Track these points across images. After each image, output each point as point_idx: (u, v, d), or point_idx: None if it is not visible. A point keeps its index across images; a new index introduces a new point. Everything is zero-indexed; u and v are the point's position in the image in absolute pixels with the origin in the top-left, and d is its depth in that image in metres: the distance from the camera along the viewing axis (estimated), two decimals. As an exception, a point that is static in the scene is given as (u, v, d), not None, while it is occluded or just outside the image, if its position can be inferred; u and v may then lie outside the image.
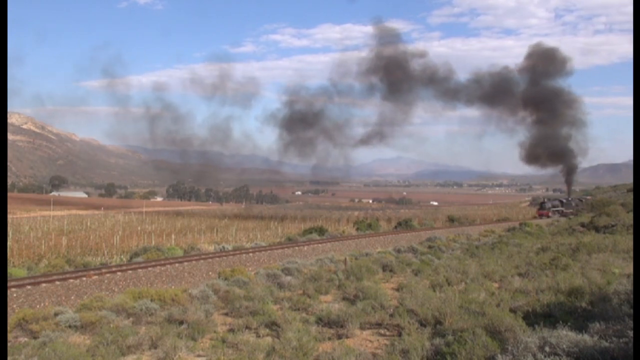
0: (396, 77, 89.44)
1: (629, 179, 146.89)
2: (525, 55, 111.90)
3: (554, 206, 67.24)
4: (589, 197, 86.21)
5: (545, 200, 73.03)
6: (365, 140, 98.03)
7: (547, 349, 7.35)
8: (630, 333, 7.16)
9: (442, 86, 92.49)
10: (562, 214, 65.21)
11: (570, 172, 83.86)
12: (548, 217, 61.20)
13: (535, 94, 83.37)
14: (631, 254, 20.55)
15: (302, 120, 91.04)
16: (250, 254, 23.35)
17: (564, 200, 71.66)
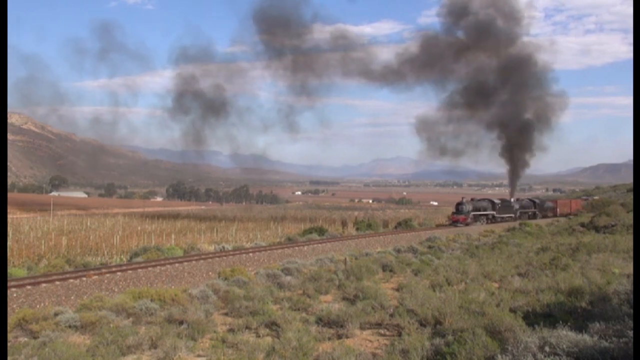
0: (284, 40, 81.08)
1: (629, 179, 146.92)
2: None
3: (477, 209, 46.14)
4: (592, 198, 71.73)
5: (465, 200, 45.87)
6: (266, 127, 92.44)
7: (547, 349, 7.35)
8: (630, 333, 7.16)
9: (360, 63, 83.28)
10: (491, 220, 47.02)
11: (510, 155, 63.41)
12: (466, 224, 43.10)
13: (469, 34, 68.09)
14: (631, 254, 20.55)
15: (208, 105, 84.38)
16: (250, 254, 23.35)
17: (497, 201, 50.24)
